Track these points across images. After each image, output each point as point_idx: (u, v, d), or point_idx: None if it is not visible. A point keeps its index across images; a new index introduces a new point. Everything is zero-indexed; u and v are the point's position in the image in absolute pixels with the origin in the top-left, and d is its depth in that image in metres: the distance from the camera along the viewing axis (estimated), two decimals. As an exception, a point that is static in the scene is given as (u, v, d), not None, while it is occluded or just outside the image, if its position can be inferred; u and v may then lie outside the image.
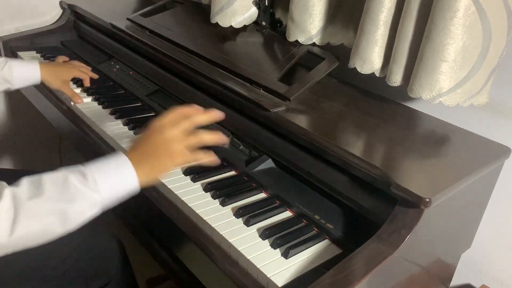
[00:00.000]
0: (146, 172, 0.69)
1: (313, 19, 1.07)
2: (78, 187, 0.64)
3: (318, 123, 0.90)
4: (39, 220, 0.61)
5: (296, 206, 0.83)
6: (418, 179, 0.75)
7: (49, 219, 0.62)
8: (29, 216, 0.60)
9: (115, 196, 0.68)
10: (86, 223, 0.67)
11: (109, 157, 0.69)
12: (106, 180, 0.66)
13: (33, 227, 0.61)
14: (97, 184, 0.65)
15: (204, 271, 0.87)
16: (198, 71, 1.09)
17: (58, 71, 1.22)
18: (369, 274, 0.62)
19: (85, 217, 0.66)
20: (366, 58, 0.97)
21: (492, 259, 1.07)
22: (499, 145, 0.89)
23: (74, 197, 0.63)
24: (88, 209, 0.66)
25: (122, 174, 0.68)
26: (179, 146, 0.71)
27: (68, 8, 1.63)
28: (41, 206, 0.61)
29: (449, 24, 0.80)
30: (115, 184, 0.67)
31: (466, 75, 0.86)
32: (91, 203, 0.65)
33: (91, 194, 0.65)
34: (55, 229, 0.64)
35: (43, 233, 0.63)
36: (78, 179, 0.64)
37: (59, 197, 0.63)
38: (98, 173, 0.66)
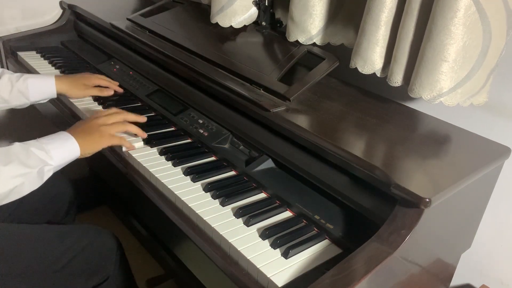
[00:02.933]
0: (83, 145, 0.91)
1: (313, 19, 1.07)
2: (38, 156, 0.84)
3: (318, 123, 0.90)
4: (12, 181, 0.80)
5: (296, 206, 0.83)
6: (418, 179, 0.75)
7: (19, 180, 0.80)
8: (5, 178, 0.79)
9: (63, 161, 0.89)
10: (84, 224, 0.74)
11: (56, 133, 0.91)
12: (57, 149, 0.87)
13: (8, 186, 0.79)
14: (50, 153, 0.86)
15: (204, 271, 0.87)
16: (198, 71, 1.09)
17: (75, 79, 1.20)
18: (369, 274, 0.62)
19: (44, 179, 0.86)
20: (367, 58, 0.97)
21: (492, 259, 1.07)
22: (499, 145, 0.89)
23: (35, 163, 0.83)
24: (46, 173, 0.86)
25: (68, 145, 0.90)
26: (107, 131, 0.95)
27: (68, 8, 1.63)
28: (13, 170, 0.80)
29: (450, 24, 0.80)
30: (63, 153, 0.88)
31: (467, 75, 0.86)
32: (48, 168, 0.86)
33: (48, 161, 0.85)
34: (23, 189, 0.82)
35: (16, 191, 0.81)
36: (37, 150, 0.84)
37: (25, 163, 0.81)
38: (50, 145, 0.87)
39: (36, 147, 0.85)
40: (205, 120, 1.06)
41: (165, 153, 0.98)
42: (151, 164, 0.94)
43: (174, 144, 1.03)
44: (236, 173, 0.95)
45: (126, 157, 0.99)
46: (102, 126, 0.95)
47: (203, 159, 0.98)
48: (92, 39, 1.56)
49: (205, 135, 1.03)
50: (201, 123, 1.06)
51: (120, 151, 1.00)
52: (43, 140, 0.87)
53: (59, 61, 1.46)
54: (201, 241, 0.79)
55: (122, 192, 1.30)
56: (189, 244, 0.83)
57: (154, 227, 1.18)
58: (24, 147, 0.84)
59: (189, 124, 1.07)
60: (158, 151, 0.99)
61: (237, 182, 0.91)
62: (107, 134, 0.95)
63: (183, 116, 1.10)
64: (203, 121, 1.06)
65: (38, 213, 1.15)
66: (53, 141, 0.88)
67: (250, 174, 0.92)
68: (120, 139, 0.97)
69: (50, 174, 0.87)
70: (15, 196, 0.82)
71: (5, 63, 1.55)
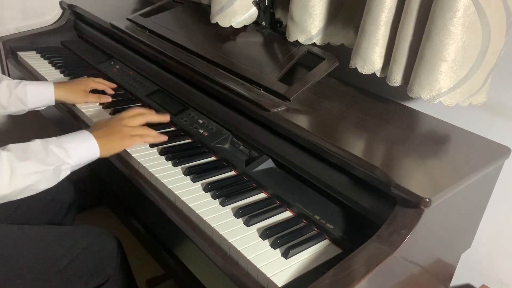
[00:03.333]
0: (104, 146, 0.91)
1: (313, 19, 1.07)
2: (56, 154, 0.84)
3: (318, 123, 0.90)
4: (28, 178, 0.79)
5: (296, 206, 0.83)
6: (418, 179, 0.75)
7: (35, 177, 0.80)
8: (22, 174, 0.78)
9: (82, 161, 0.88)
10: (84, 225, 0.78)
11: (77, 132, 0.91)
12: (76, 149, 0.87)
13: (24, 183, 0.79)
14: (69, 152, 0.85)
15: (204, 271, 0.87)
16: (198, 71, 1.09)
17: (74, 86, 1.20)
18: (369, 274, 0.62)
19: (61, 177, 0.86)
20: (367, 59, 0.97)
21: (492, 259, 1.07)
22: (499, 145, 0.89)
23: (53, 161, 0.83)
24: (63, 171, 0.86)
25: (87, 144, 0.89)
26: (128, 132, 0.95)
27: (68, 8, 1.63)
28: (30, 167, 0.79)
29: (449, 24, 0.80)
30: (82, 152, 0.88)
31: (466, 75, 0.86)
32: (66, 166, 0.85)
33: (66, 160, 0.85)
34: (39, 186, 0.82)
35: (31, 188, 0.81)
36: (56, 147, 0.84)
37: (42, 161, 0.81)
38: (70, 143, 0.86)
39: (56, 145, 0.84)
40: (205, 120, 1.06)
41: (165, 153, 0.98)
42: (151, 164, 0.94)
43: (174, 144, 1.03)
44: (236, 173, 0.95)
45: (126, 157, 0.99)
46: (124, 127, 0.95)
47: (203, 159, 0.98)
48: (92, 39, 1.56)
49: (205, 135, 1.03)
50: (201, 123, 1.06)
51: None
52: (63, 139, 0.87)
53: (59, 61, 1.46)
54: (201, 241, 0.79)
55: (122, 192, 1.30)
56: (189, 244, 0.83)
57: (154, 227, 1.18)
58: (44, 144, 0.83)
59: (189, 124, 1.07)
60: (158, 151, 0.99)
61: (237, 182, 0.91)
62: (128, 135, 0.95)
63: (183, 116, 1.10)
64: (203, 121, 1.06)
65: (38, 213, 1.15)
66: (73, 140, 0.88)
67: (250, 174, 0.92)
68: (141, 137, 0.97)
69: (68, 173, 0.87)
70: (30, 193, 0.82)
71: (5, 63, 1.55)
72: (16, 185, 0.78)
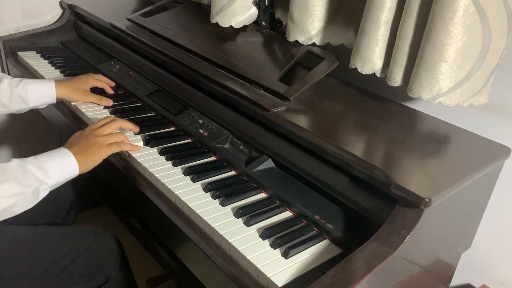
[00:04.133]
0: (82, 161, 0.89)
1: (313, 19, 1.07)
2: (35, 174, 0.81)
3: (318, 123, 0.90)
4: (6, 200, 0.77)
5: (296, 206, 0.83)
6: (418, 179, 0.75)
7: (13, 199, 0.78)
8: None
9: (61, 180, 0.87)
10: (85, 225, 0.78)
11: (55, 150, 0.89)
12: (54, 168, 0.84)
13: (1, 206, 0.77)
14: (48, 171, 0.83)
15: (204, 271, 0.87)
16: (198, 71, 1.09)
17: (75, 84, 1.19)
18: (369, 274, 0.62)
19: (39, 198, 0.84)
20: (367, 59, 0.97)
21: (492, 259, 1.07)
22: (499, 145, 0.89)
23: (32, 182, 0.80)
24: (42, 192, 0.83)
25: (66, 162, 0.87)
26: (104, 142, 0.93)
27: (68, 8, 1.63)
28: (8, 189, 0.77)
29: (449, 24, 0.80)
30: (61, 171, 0.86)
31: (466, 75, 0.86)
32: (44, 187, 0.83)
33: (44, 180, 0.82)
34: (16, 208, 0.80)
35: (8, 211, 0.79)
36: (34, 168, 0.81)
37: (20, 183, 0.79)
38: (48, 163, 0.84)
39: (34, 165, 0.82)
40: (205, 120, 1.06)
41: (165, 153, 0.98)
42: (151, 164, 0.94)
43: (174, 144, 1.03)
44: (236, 173, 0.95)
45: (126, 157, 0.99)
46: (98, 137, 0.93)
47: (203, 159, 0.98)
48: (92, 39, 1.56)
49: (205, 135, 1.03)
50: (201, 123, 1.06)
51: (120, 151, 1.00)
52: (42, 158, 0.85)
53: (59, 61, 1.46)
54: (201, 241, 0.79)
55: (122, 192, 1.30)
56: (189, 244, 0.83)
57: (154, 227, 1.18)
58: (22, 164, 0.81)
59: (189, 124, 1.07)
60: (158, 151, 0.99)
61: (237, 182, 0.91)
62: (104, 144, 0.93)
63: (183, 116, 1.10)
64: (203, 121, 1.06)
65: (38, 214, 1.15)
66: (51, 159, 0.85)
67: (250, 174, 0.92)
68: (119, 145, 0.95)
69: (46, 193, 0.85)
70: (7, 215, 0.79)
71: (5, 63, 1.55)
72: None
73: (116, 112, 1.15)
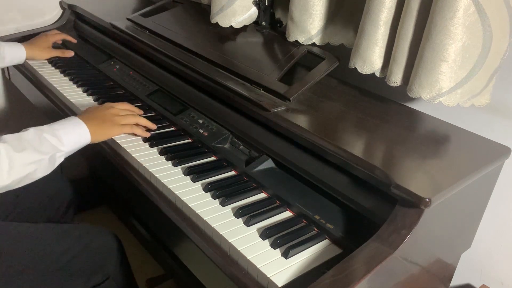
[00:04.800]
0: (95, 132, 0.95)
1: (313, 19, 1.07)
2: (50, 142, 0.86)
3: (318, 123, 0.90)
4: (26, 168, 0.81)
5: (296, 206, 0.83)
6: (418, 179, 0.75)
7: (33, 166, 0.83)
8: (19, 164, 0.80)
9: (74, 147, 0.91)
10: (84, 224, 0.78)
11: (68, 119, 0.94)
12: (68, 136, 0.90)
13: (22, 173, 0.81)
14: (62, 139, 0.88)
15: (204, 271, 0.87)
16: (198, 71, 1.09)
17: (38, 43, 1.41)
18: (369, 274, 0.62)
19: (56, 165, 0.89)
20: (367, 59, 0.97)
21: (492, 259, 1.07)
22: (499, 145, 0.89)
23: (48, 150, 0.85)
24: (58, 159, 0.88)
25: (79, 131, 0.92)
26: (119, 121, 1.00)
27: (68, 8, 1.63)
28: (27, 157, 0.81)
29: (449, 24, 0.80)
30: (74, 139, 0.91)
31: (466, 76, 0.86)
32: (60, 154, 0.88)
33: (59, 147, 0.87)
34: (36, 174, 0.85)
35: (29, 177, 0.84)
36: (50, 136, 0.86)
37: (38, 150, 0.83)
38: (62, 131, 0.89)
39: (49, 133, 0.87)
40: (205, 120, 1.06)
41: (165, 153, 0.98)
42: (151, 164, 0.94)
43: (174, 144, 1.03)
44: (236, 173, 0.95)
45: (126, 157, 0.99)
46: (115, 116, 1.00)
47: (203, 159, 0.98)
48: (92, 39, 1.56)
49: (205, 135, 1.03)
50: (201, 123, 1.06)
51: (120, 150, 1.00)
52: (55, 126, 0.90)
53: (59, 61, 1.45)
54: (201, 241, 0.79)
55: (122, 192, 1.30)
56: (189, 244, 0.83)
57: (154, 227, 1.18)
58: (38, 132, 0.85)
59: (189, 124, 1.07)
60: (158, 151, 0.99)
61: (237, 182, 0.91)
62: (118, 124, 0.99)
63: (183, 116, 1.10)
64: (203, 121, 1.06)
65: (37, 212, 1.15)
66: (64, 127, 0.91)
67: (250, 174, 0.92)
68: (131, 127, 1.01)
69: (62, 160, 0.90)
70: (28, 181, 0.85)
71: (5, 63, 1.55)
72: (15, 175, 0.80)
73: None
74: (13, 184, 0.81)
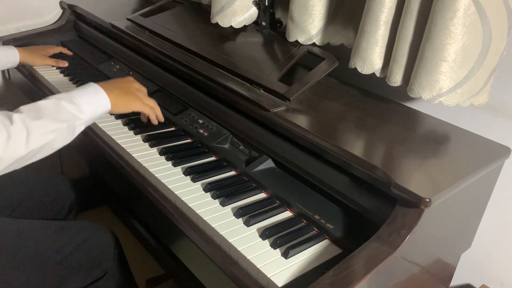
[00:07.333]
0: (116, 102, 0.92)
1: (313, 19, 1.07)
2: (69, 110, 0.82)
3: (318, 123, 0.90)
4: (44, 137, 0.78)
5: (296, 206, 0.83)
6: (418, 179, 0.75)
7: (51, 136, 0.79)
8: (37, 134, 0.76)
9: (94, 115, 0.88)
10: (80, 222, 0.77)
11: (86, 86, 0.90)
12: (88, 103, 0.86)
13: (40, 142, 0.77)
14: (81, 107, 0.84)
15: (204, 271, 0.87)
16: (198, 71, 1.09)
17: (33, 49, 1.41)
18: (369, 274, 0.62)
19: (75, 134, 0.85)
20: (367, 59, 0.97)
21: (492, 259, 1.07)
22: (499, 145, 0.89)
23: (66, 117, 0.82)
24: (78, 127, 0.85)
25: (99, 98, 0.89)
26: (141, 96, 0.99)
27: (68, 8, 1.63)
28: (44, 126, 0.78)
29: (449, 24, 0.80)
30: (94, 106, 0.87)
31: (466, 75, 0.86)
32: (79, 122, 0.84)
33: (78, 115, 0.84)
34: (55, 144, 0.81)
35: (48, 146, 0.80)
36: (68, 104, 0.83)
37: (56, 118, 0.80)
38: (81, 98, 0.85)
39: (67, 101, 0.83)
40: (205, 120, 1.06)
41: (165, 153, 0.98)
42: (151, 164, 0.94)
43: (174, 144, 1.03)
44: (236, 173, 0.95)
45: (126, 157, 0.99)
46: (137, 91, 0.98)
47: (203, 159, 0.98)
48: (92, 39, 1.56)
49: (205, 135, 1.03)
50: (201, 123, 1.06)
51: (120, 150, 1.00)
52: (73, 94, 0.86)
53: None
54: (201, 241, 0.79)
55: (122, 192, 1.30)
56: (189, 244, 0.83)
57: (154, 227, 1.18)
58: (55, 101, 0.82)
59: (189, 124, 1.07)
60: (158, 151, 0.99)
61: (237, 182, 0.91)
62: (140, 100, 0.98)
63: (183, 116, 1.10)
64: (203, 121, 1.06)
65: (39, 213, 1.15)
66: (83, 95, 0.87)
67: (250, 174, 0.92)
68: (151, 109, 1.00)
69: (82, 128, 0.86)
70: (47, 151, 0.81)
71: (5, 63, 1.55)
72: (33, 145, 0.76)
73: (116, 112, 1.15)
74: (31, 154, 0.77)
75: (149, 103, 1.00)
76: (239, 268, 0.72)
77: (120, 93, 0.94)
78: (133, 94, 0.97)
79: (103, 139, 1.06)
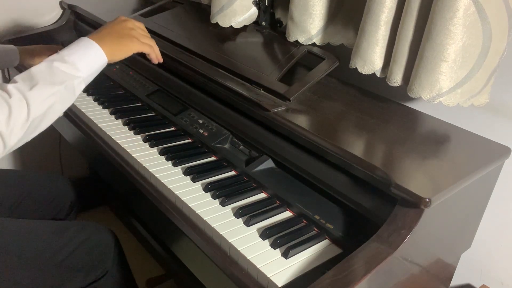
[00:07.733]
0: (111, 50, 0.85)
1: (313, 19, 1.07)
2: (63, 70, 0.77)
3: (318, 123, 0.90)
4: (44, 103, 0.74)
5: (296, 206, 0.83)
6: (418, 179, 0.75)
7: (50, 100, 0.75)
8: (37, 101, 0.73)
9: (92, 70, 0.82)
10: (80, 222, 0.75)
11: (76, 42, 0.84)
12: (81, 59, 0.80)
13: (41, 109, 0.74)
14: (76, 64, 0.79)
15: (204, 271, 0.87)
16: (198, 71, 1.09)
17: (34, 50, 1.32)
18: (369, 274, 0.62)
19: (76, 93, 0.81)
20: (367, 59, 0.97)
21: (492, 259, 1.07)
22: (499, 145, 0.89)
23: (63, 79, 0.77)
24: (77, 86, 0.80)
25: (92, 52, 0.83)
26: (137, 35, 0.91)
27: (68, 8, 1.63)
28: (42, 92, 0.74)
29: (449, 24, 0.80)
30: (89, 61, 0.82)
31: (466, 75, 0.86)
32: (78, 81, 0.79)
33: (75, 73, 0.79)
34: (57, 108, 0.77)
35: (51, 111, 0.76)
36: (61, 63, 0.78)
37: (52, 82, 0.75)
38: (73, 55, 0.80)
39: (60, 61, 0.78)
40: (205, 120, 1.06)
41: (165, 153, 0.98)
42: (151, 164, 0.94)
43: (174, 144, 1.03)
44: (236, 173, 0.95)
45: (126, 157, 0.99)
46: (132, 30, 0.90)
47: (203, 159, 0.98)
48: (92, 39, 1.55)
49: (205, 135, 1.03)
50: (201, 123, 1.06)
51: (120, 150, 1.00)
52: (65, 52, 0.81)
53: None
54: (201, 241, 0.79)
55: (122, 192, 1.30)
56: (189, 244, 0.83)
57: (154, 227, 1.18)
58: (47, 64, 0.77)
59: (189, 124, 1.07)
60: (158, 151, 0.99)
61: (237, 182, 0.91)
62: (138, 38, 0.91)
63: (183, 116, 1.10)
64: (203, 121, 1.06)
65: (39, 213, 1.15)
66: (75, 51, 0.81)
67: (250, 174, 0.92)
68: (151, 48, 0.94)
69: (82, 87, 0.81)
70: (52, 117, 0.78)
71: (5, 63, 1.55)
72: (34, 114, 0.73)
73: (116, 112, 1.15)
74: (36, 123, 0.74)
75: (147, 42, 0.93)
76: (239, 268, 0.72)
77: (113, 39, 0.87)
78: (128, 35, 0.89)
79: (103, 139, 1.06)
